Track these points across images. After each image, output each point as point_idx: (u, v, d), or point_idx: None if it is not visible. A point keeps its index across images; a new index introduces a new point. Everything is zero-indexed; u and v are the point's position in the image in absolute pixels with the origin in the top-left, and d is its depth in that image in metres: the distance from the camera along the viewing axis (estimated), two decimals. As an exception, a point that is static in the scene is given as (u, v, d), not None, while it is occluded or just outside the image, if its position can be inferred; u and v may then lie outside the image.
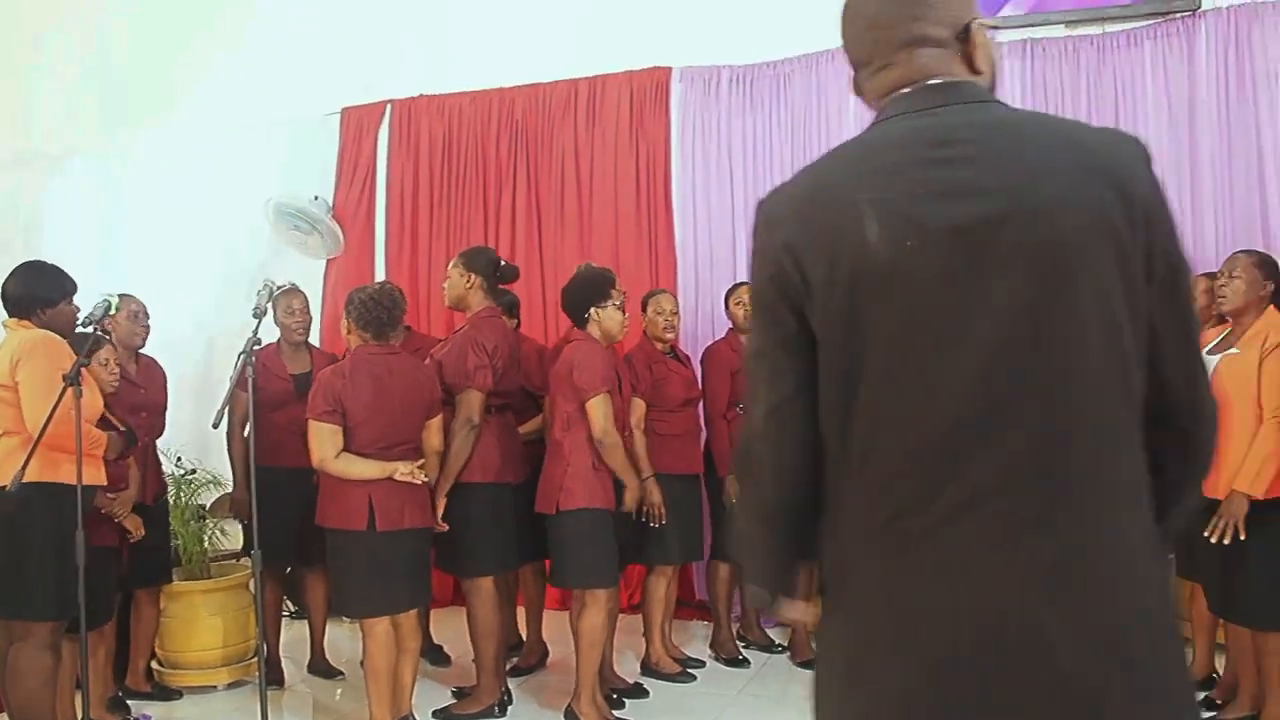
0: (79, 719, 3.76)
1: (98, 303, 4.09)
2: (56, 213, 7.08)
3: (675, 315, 4.83)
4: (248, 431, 4.35)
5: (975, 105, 1.42)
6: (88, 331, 3.90)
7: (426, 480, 3.97)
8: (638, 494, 4.29)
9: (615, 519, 4.23)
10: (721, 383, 4.89)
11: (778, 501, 1.49)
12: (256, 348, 4.14)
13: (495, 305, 4.46)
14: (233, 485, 4.97)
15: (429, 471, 4.01)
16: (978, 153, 1.35)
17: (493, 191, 6.45)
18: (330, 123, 6.76)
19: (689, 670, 4.90)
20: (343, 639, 5.38)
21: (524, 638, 5.15)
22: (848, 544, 1.42)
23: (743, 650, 5.15)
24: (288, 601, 5.55)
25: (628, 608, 5.43)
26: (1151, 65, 5.48)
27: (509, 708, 4.44)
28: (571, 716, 4.22)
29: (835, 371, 1.39)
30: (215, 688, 4.91)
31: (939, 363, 1.34)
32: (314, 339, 5.43)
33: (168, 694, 4.81)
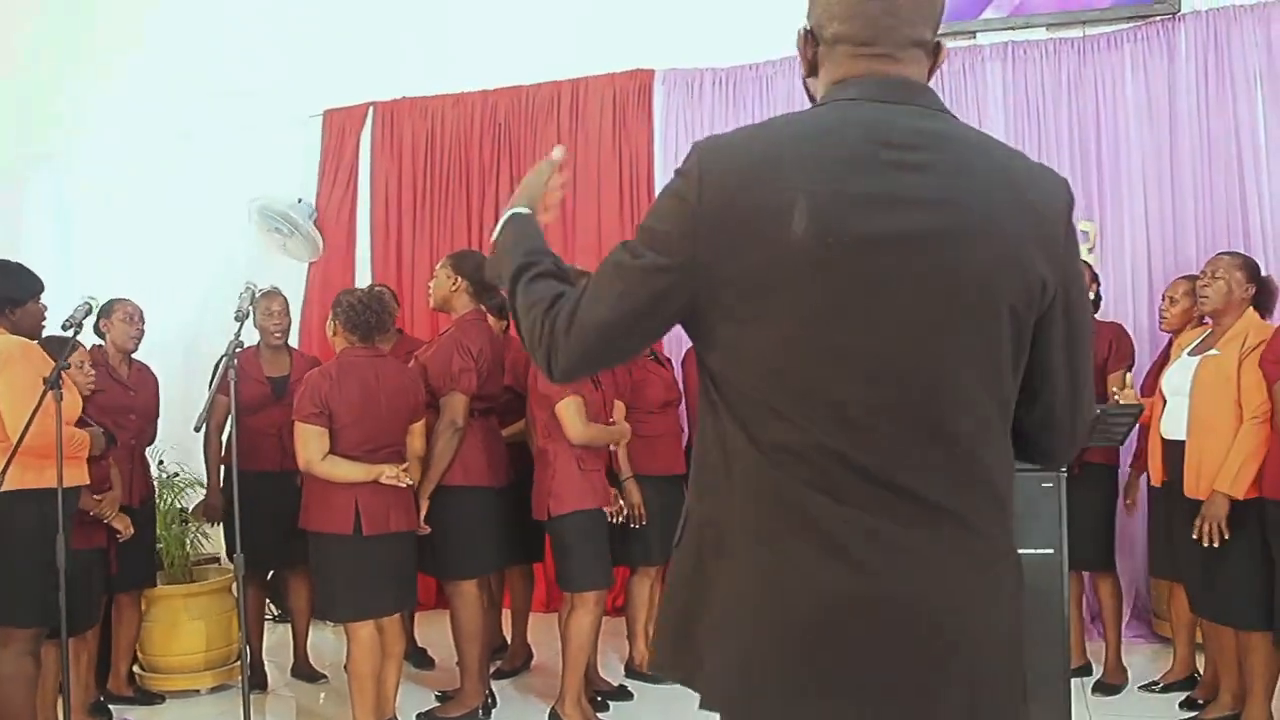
0: (60, 724, 3.75)
1: (78, 305, 4.07)
2: (41, 214, 7.05)
3: None
4: (226, 434, 4.33)
5: (936, 114, 1.44)
6: (65, 335, 3.88)
7: (411, 484, 3.97)
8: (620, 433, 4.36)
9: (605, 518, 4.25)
10: (702, 385, 4.89)
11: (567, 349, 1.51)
12: (238, 350, 4.13)
13: (480, 309, 4.46)
14: (207, 489, 4.94)
15: (412, 475, 4.01)
16: (922, 162, 1.37)
17: (475, 193, 6.45)
18: (313, 125, 6.75)
19: (674, 672, 4.89)
20: (326, 642, 5.36)
21: (508, 640, 5.15)
22: (735, 509, 1.44)
23: (727, 651, 5.14)
24: (270, 605, 5.54)
25: (612, 610, 5.43)
26: (1132, 68, 5.52)
27: (493, 711, 4.44)
28: (556, 719, 4.22)
29: (745, 347, 1.40)
30: (198, 692, 4.89)
31: (838, 365, 1.36)
32: (294, 341, 5.42)
33: (150, 698, 4.79)
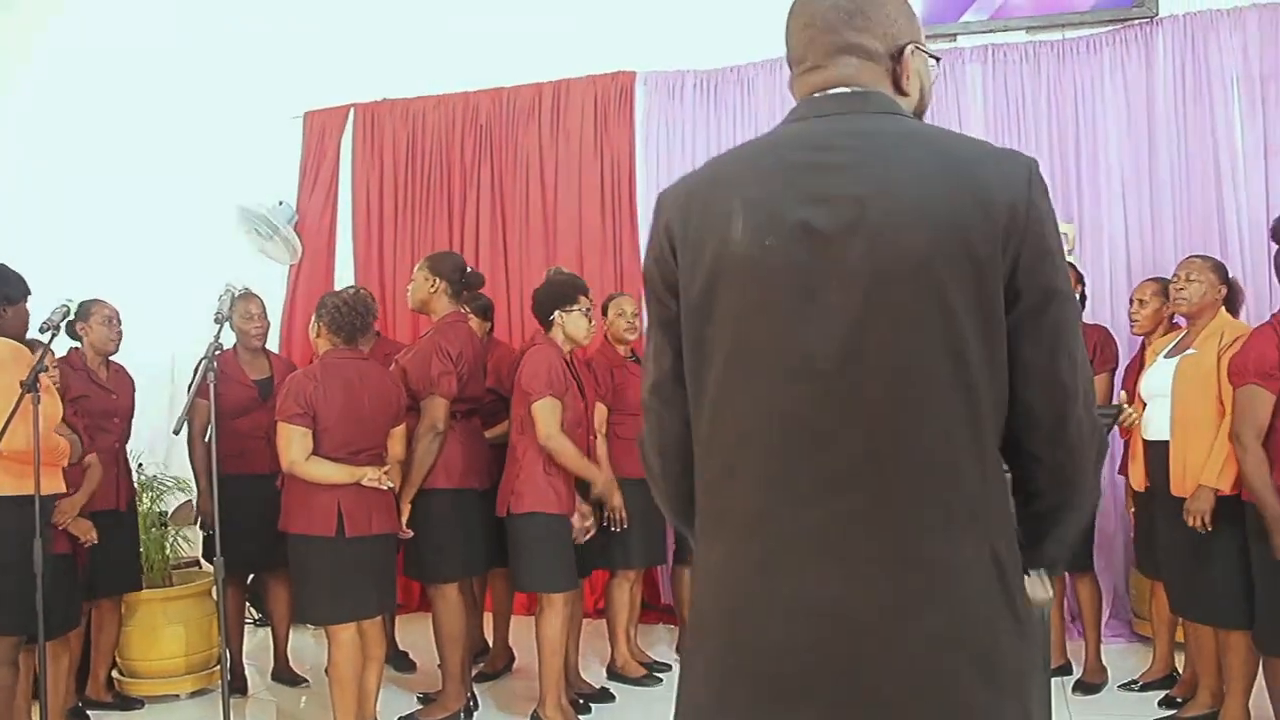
0: (38, 730, 3.72)
1: (56, 307, 4.04)
2: (21, 214, 7.00)
3: (637, 317, 4.83)
4: (208, 437, 4.31)
5: (873, 115, 1.43)
6: (42, 338, 3.85)
7: (393, 486, 3.96)
8: (604, 487, 4.30)
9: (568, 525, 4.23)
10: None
11: (664, 474, 1.58)
12: (217, 353, 4.11)
13: (460, 311, 4.45)
14: (195, 493, 4.92)
15: (393, 479, 4.00)
16: (849, 161, 1.37)
17: (457, 196, 6.44)
18: (294, 126, 6.73)
19: (655, 674, 4.90)
20: (307, 646, 5.34)
21: (490, 643, 5.13)
22: (700, 523, 1.48)
23: (709, 653, 5.14)
24: (251, 609, 5.51)
25: (593, 612, 5.43)
26: (1110, 71, 5.55)
27: (474, 713, 4.43)
28: (537, 721, 4.22)
29: (691, 359, 1.46)
30: (178, 696, 4.86)
31: (774, 363, 1.37)
32: (274, 343, 5.39)
33: (129, 704, 4.75)
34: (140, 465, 5.04)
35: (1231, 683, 3.81)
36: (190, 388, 4.20)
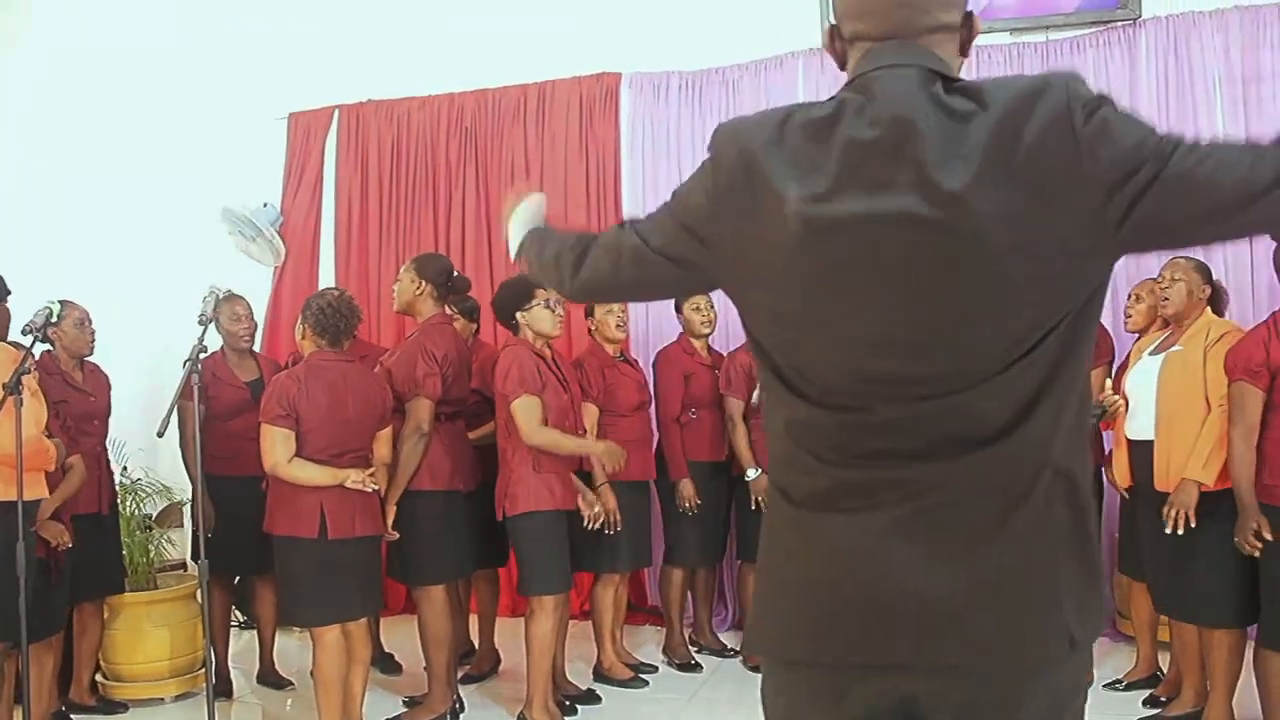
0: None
1: (39, 310, 4.02)
2: (2, 214, 6.96)
3: (625, 314, 4.83)
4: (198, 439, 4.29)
5: (934, 91, 1.39)
6: (23, 341, 3.82)
7: (377, 488, 3.95)
8: (611, 458, 4.26)
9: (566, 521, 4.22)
10: (674, 387, 4.91)
11: (572, 276, 1.72)
12: (202, 355, 4.09)
13: (445, 312, 4.44)
14: (191, 495, 4.88)
15: (379, 481, 3.99)
16: (903, 140, 1.36)
17: (442, 197, 6.43)
18: (278, 128, 6.71)
19: (641, 675, 4.89)
20: (292, 649, 5.32)
21: (476, 645, 5.13)
22: (769, 464, 1.57)
23: (695, 655, 5.16)
24: (237, 612, 5.49)
25: (579, 614, 5.43)
26: (1094, 72, 5.56)
27: (460, 715, 4.42)
28: (523, 723, 4.22)
29: (763, 322, 1.51)
30: (162, 700, 4.84)
31: (823, 334, 1.43)
32: (258, 345, 5.37)
33: (113, 707, 4.73)
34: (125, 468, 5.02)
35: (1215, 681, 3.82)
36: (176, 389, 4.18)
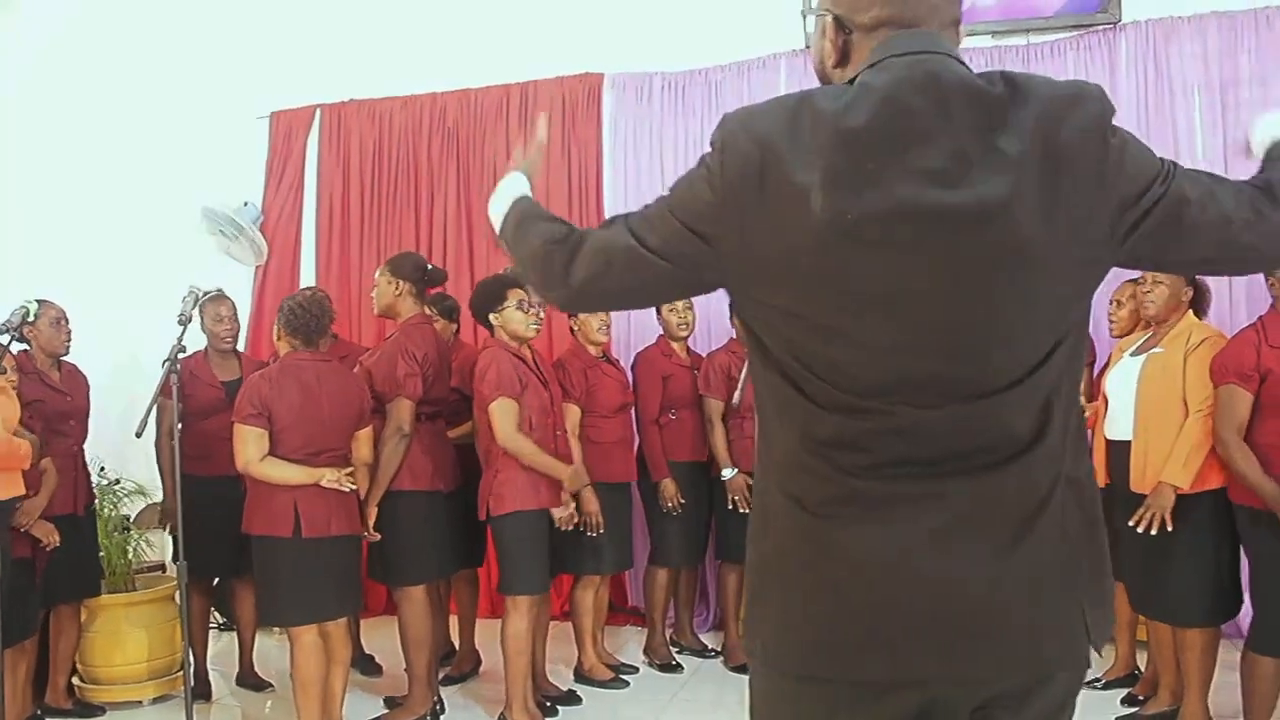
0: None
1: (15, 309, 3.99)
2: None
3: (608, 316, 4.82)
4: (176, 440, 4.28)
5: (959, 79, 1.38)
6: (2, 341, 3.80)
7: (354, 488, 3.94)
8: (573, 482, 4.24)
9: (549, 523, 4.22)
10: (653, 388, 4.91)
11: (564, 278, 1.55)
12: (182, 355, 4.08)
13: (425, 312, 4.44)
14: (163, 495, 4.87)
15: (358, 482, 3.98)
16: (932, 131, 1.33)
17: (424, 197, 6.41)
18: (260, 126, 6.69)
19: (622, 676, 4.89)
20: (272, 650, 5.29)
21: (456, 646, 5.12)
22: (772, 471, 1.49)
23: (676, 656, 5.16)
24: (216, 613, 5.46)
25: (560, 615, 5.42)
26: (1074, 75, 5.58)
27: (441, 716, 4.41)
28: (504, 724, 4.21)
29: (778, 322, 1.43)
30: (140, 703, 4.81)
31: (852, 335, 1.37)
32: (241, 345, 5.34)
33: (89, 711, 4.69)
34: (102, 469, 4.99)
35: (1190, 680, 3.85)
36: (155, 389, 4.17)
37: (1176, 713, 3.96)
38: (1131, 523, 3.72)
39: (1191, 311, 3.97)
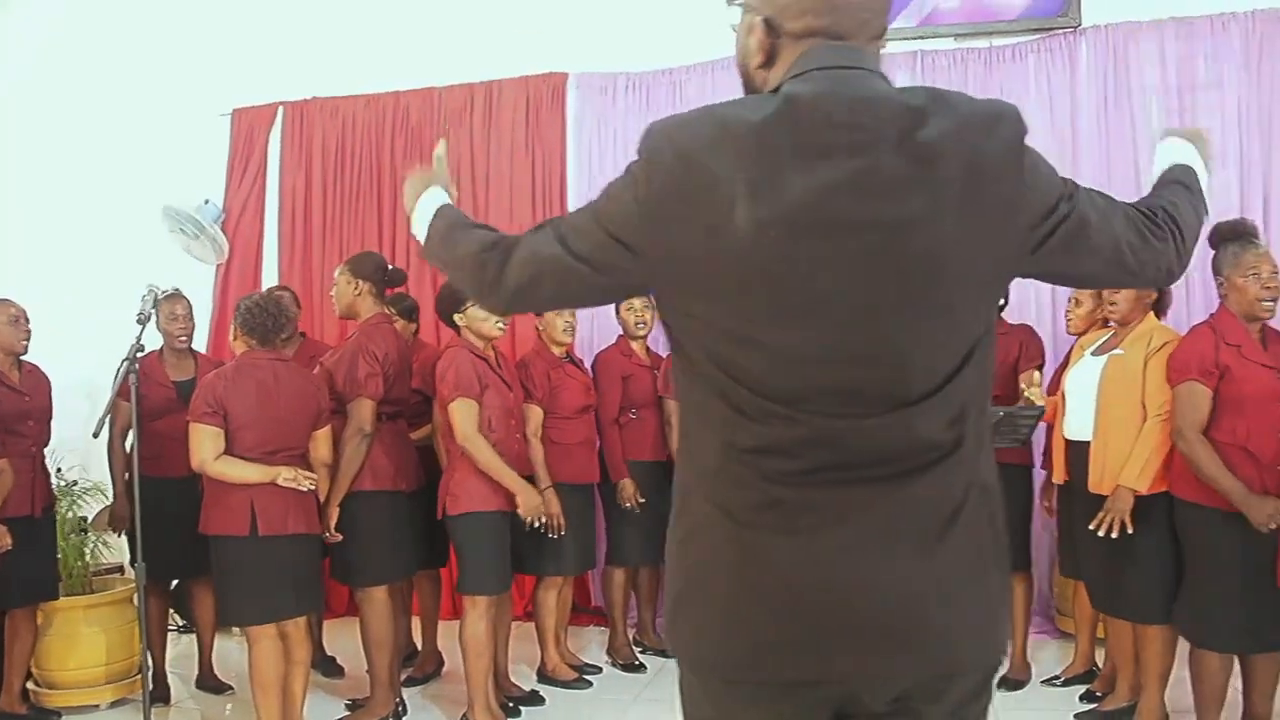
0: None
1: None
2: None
3: (574, 317, 4.81)
4: (130, 441, 4.23)
5: (883, 92, 1.41)
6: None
7: (312, 487, 3.91)
8: (528, 502, 4.17)
9: (508, 523, 4.19)
10: (613, 389, 4.90)
11: (496, 283, 1.59)
12: (140, 354, 4.04)
13: (386, 312, 4.41)
14: (112, 496, 4.81)
15: (319, 483, 3.95)
16: (866, 143, 1.35)
17: (387, 196, 6.37)
18: (222, 124, 6.62)
19: (585, 677, 4.89)
20: (232, 652, 5.24)
21: (419, 647, 5.09)
22: (695, 481, 1.50)
23: (639, 655, 5.16)
24: (175, 616, 5.41)
25: (523, 615, 5.41)
26: (1036, 78, 5.65)
27: (403, 718, 4.39)
28: (466, 726, 4.19)
29: (700, 332, 1.44)
30: (97, 707, 4.75)
31: (774, 344, 1.38)
32: (202, 345, 5.30)
33: (45, 715, 4.64)
34: (59, 470, 4.93)
35: (1148, 676, 3.89)
36: (111, 389, 4.12)
37: (1134, 708, 4.01)
38: (1091, 526, 3.75)
39: (1153, 313, 4.01)
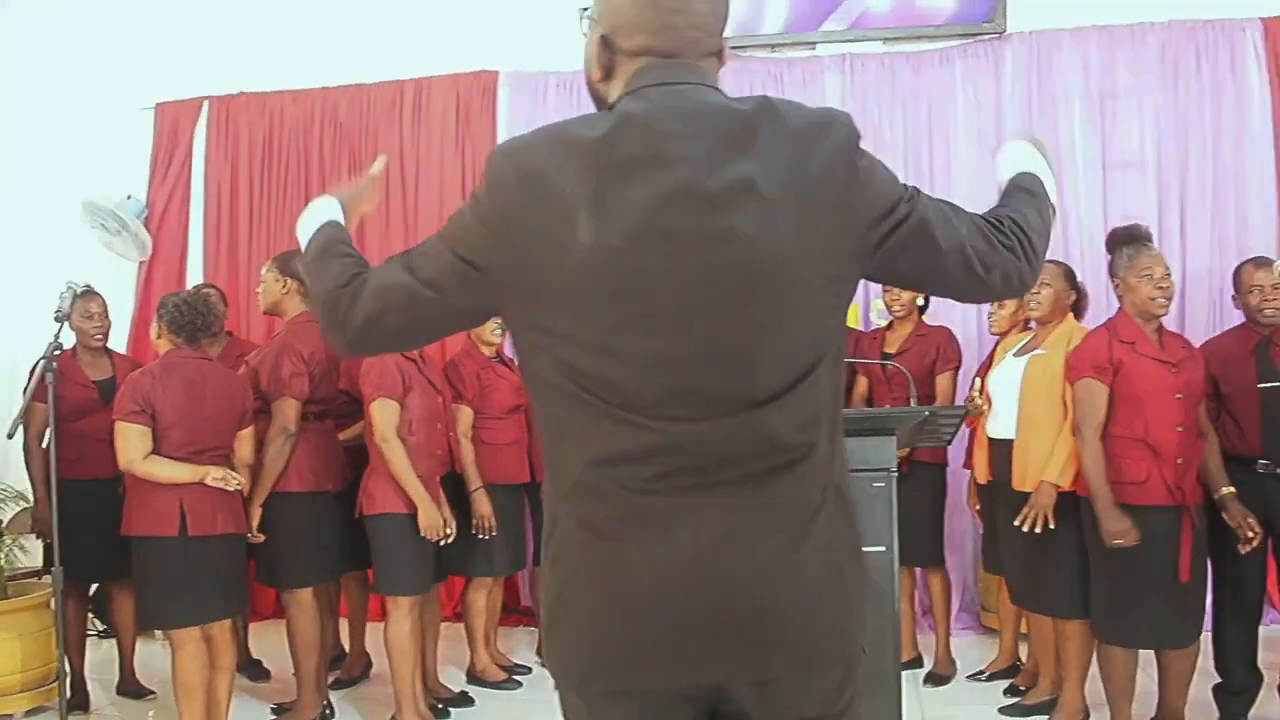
0: None
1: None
2: None
3: None
4: (46, 442, 4.13)
5: (716, 106, 1.45)
6: None
7: (239, 487, 3.85)
8: (427, 518, 4.05)
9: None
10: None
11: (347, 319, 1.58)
12: (56, 353, 3.95)
13: (311, 310, 4.35)
14: (33, 500, 4.70)
15: (241, 483, 3.89)
16: (690, 156, 1.39)
17: (315, 193, 6.10)
18: (144, 118, 6.50)
19: (515, 677, 4.87)
20: (155, 657, 5.13)
21: (347, 649, 5.03)
22: (559, 499, 1.51)
23: (570, 655, 5.13)
24: (95, 620, 5.29)
25: (452, 616, 5.37)
26: (962, 83, 5.76)
27: (330, 722, 4.35)
28: (394, 728, 4.15)
29: (550, 348, 1.46)
30: (12, 716, 4.62)
31: (625, 358, 1.41)
32: (120, 343, 5.19)
33: (-43, 724, 4.52)
34: (-28, 473, 4.80)
35: (1069, 670, 3.97)
36: (25, 390, 4.02)
37: (1056, 701, 4.09)
38: (1017, 523, 3.82)
39: (1072, 314, 4.10)
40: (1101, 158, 5.60)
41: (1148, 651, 3.80)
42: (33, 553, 5.08)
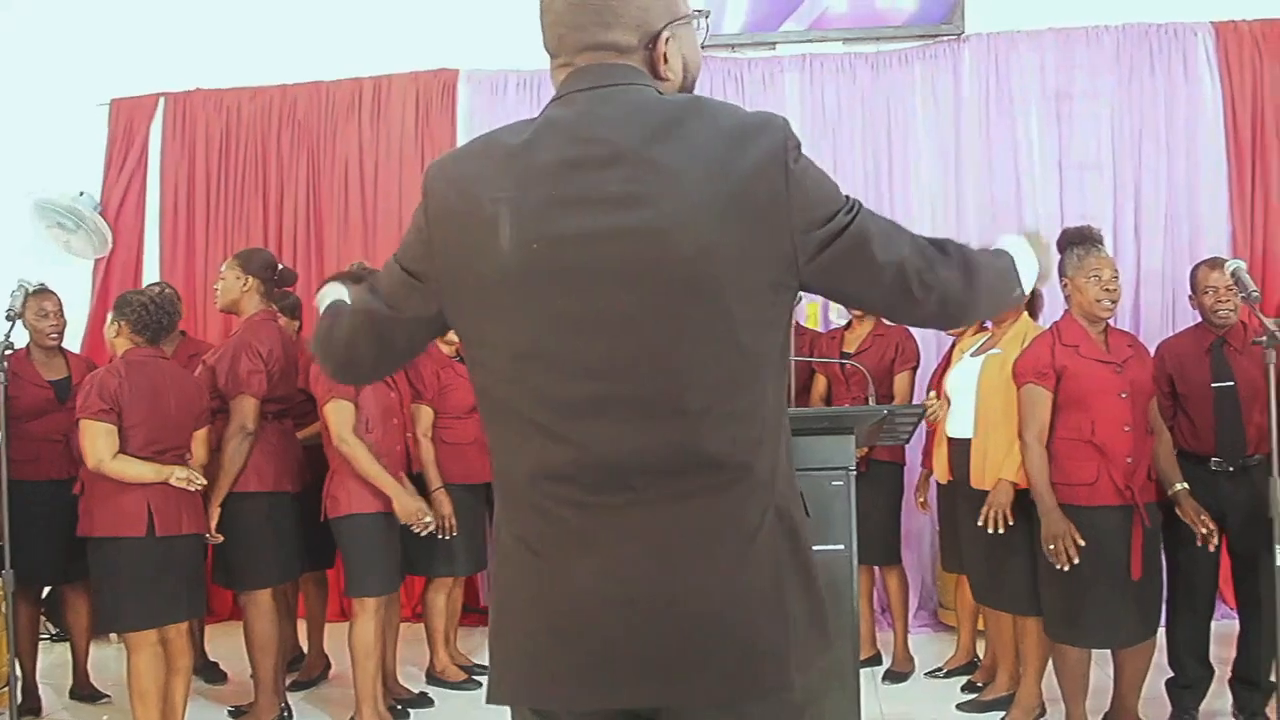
0: None
1: None
2: None
3: None
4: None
5: (628, 105, 1.43)
6: None
7: (202, 486, 3.82)
8: (404, 507, 4.08)
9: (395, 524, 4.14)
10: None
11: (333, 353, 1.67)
12: (8, 353, 3.89)
13: (271, 309, 4.32)
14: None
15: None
16: (612, 157, 1.38)
17: (273, 191, 6.25)
18: (99, 114, 6.42)
19: (475, 678, 4.84)
20: (109, 659, 5.08)
21: (305, 651, 5.00)
22: (500, 513, 1.52)
23: (530, 656, 5.12)
24: (47, 623, 5.21)
25: (411, 616, 5.35)
26: (921, 83, 5.80)
27: (289, 724, 4.31)
28: (354, 729, 4.13)
29: (485, 356, 1.48)
30: (-38, 719, 4.56)
31: (552, 364, 1.40)
32: (77, 342, 5.12)
33: (-95, 731, 4.44)
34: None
35: (1027, 666, 4.02)
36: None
37: (1013, 697, 4.13)
38: (980, 522, 3.84)
39: (1027, 314, 4.14)
40: (1058, 158, 5.66)
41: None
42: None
